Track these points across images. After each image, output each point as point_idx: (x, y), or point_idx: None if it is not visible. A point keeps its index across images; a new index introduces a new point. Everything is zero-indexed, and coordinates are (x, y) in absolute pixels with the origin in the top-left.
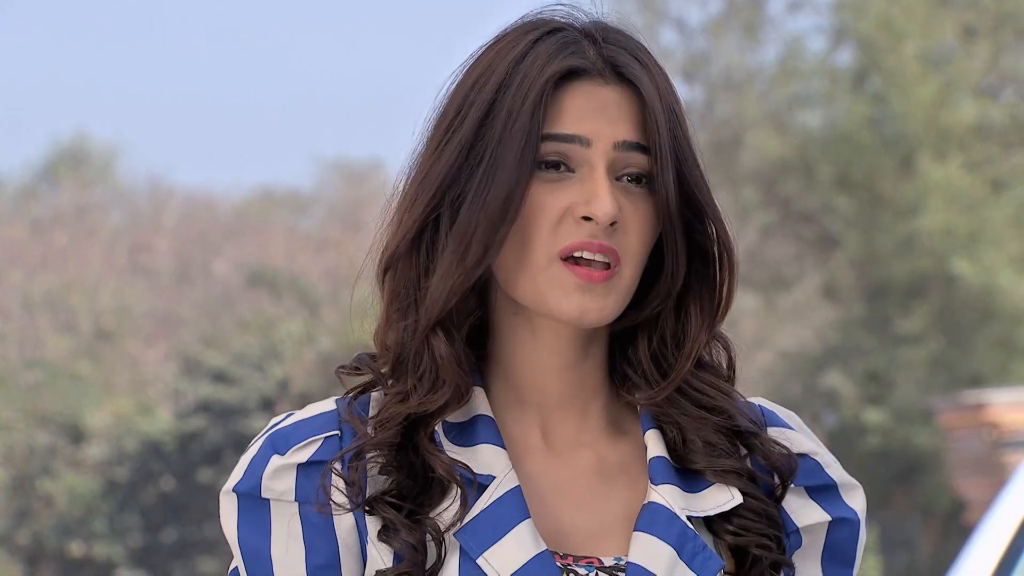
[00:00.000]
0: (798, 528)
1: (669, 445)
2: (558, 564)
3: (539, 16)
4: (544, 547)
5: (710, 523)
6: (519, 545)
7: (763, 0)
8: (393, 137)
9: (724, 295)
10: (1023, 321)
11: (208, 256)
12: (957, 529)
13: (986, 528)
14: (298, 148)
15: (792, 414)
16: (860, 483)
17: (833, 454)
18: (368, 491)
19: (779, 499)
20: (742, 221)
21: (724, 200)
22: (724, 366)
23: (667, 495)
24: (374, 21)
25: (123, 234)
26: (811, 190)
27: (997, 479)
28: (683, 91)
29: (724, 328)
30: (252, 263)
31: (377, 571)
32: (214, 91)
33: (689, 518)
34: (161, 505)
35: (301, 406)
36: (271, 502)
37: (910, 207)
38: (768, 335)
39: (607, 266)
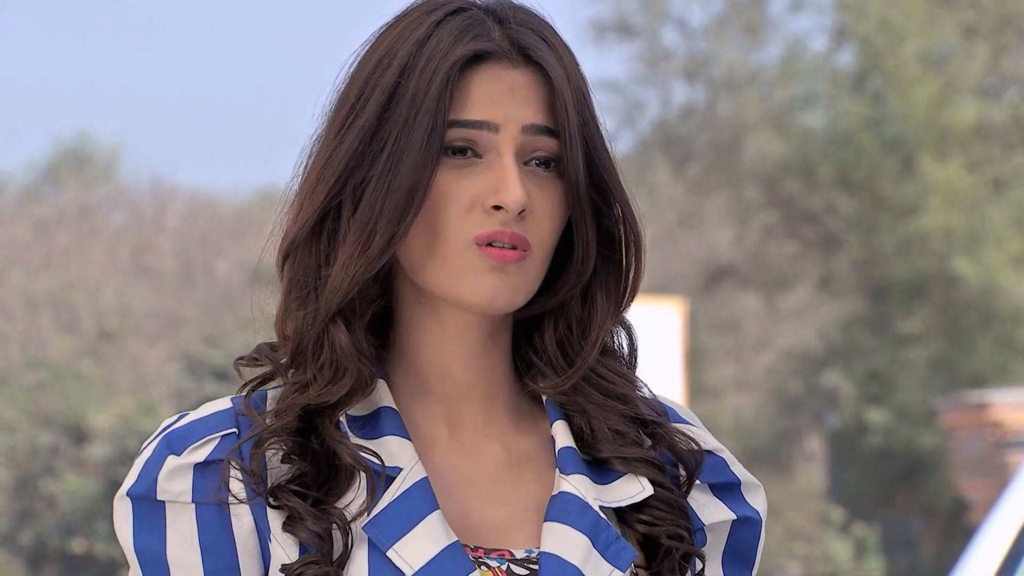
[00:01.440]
0: (703, 526)
1: (576, 434)
2: (469, 555)
3: None
4: (455, 539)
5: (620, 514)
6: (429, 537)
7: (764, 1)
8: None
9: (631, 279)
10: (1023, 320)
11: (211, 256)
12: (960, 529)
13: (989, 528)
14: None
15: (691, 413)
16: (863, 483)
17: (836, 454)
18: (270, 481)
19: (685, 492)
20: (743, 222)
21: (725, 200)
22: (626, 352)
23: (578, 485)
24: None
25: (126, 234)
26: (812, 190)
27: (1000, 479)
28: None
29: (726, 328)
30: (255, 262)
31: (283, 565)
32: (216, 91)
33: (601, 508)
34: None
35: None
36: (167, 504)
37: (911, 207)
38: (770, 335)
39: (516, 250)
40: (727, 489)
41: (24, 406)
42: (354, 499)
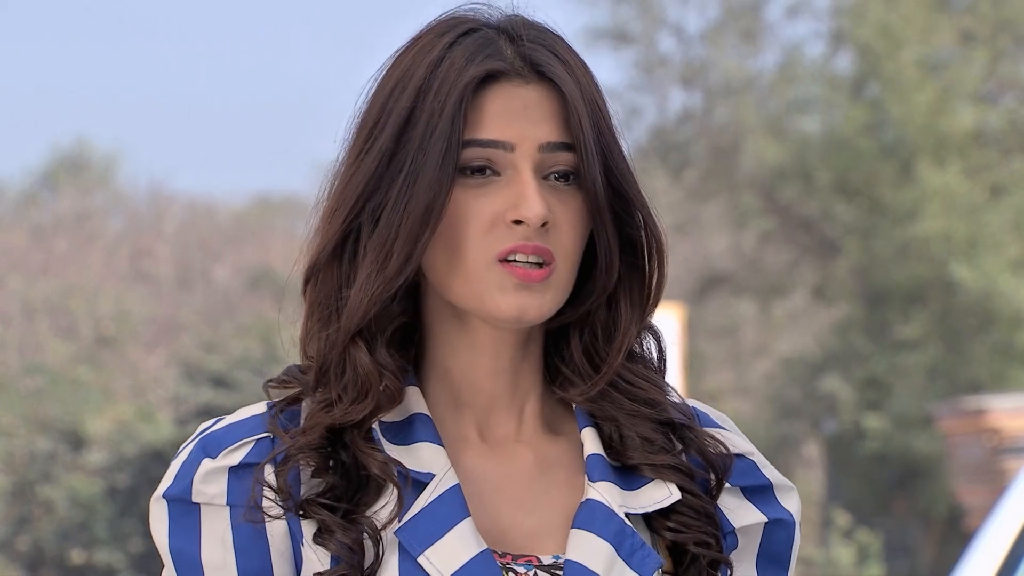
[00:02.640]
0: (734, 529)
1: (605, 441)
2: (498, 563)
3: (454, 15)
4: (485, 546)
5: (649, 521)
6: (461, 544)
7: (761, 6)
8: None
9: (654, 285)
10: (1021, 325)
11: (208, 262)
12: (957, 535)
13: (986, 534)
14: (297, 154)
15: (724, 416)
16: (861, 489)
17: (833, 460)
18: (301, 494)
19: (714, 496)
20: (741, 227)
21: (723, 206)
22: (655, 357)
23: (605, 492)
24: (373, 27)
25: (123, 240)
26: (810, 196)
27: (997, 485)
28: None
29: (724, 334)
30: (252, 268)
31: (315, 574)
32: (214, 97)
33: (627, 515)
34: None
35: None
36: (201, 506)
37: (909, 213)
38: (767, 341)
39: (541, 266)
40: (759, 492)
41: (22, 412)
42: (384, 506)
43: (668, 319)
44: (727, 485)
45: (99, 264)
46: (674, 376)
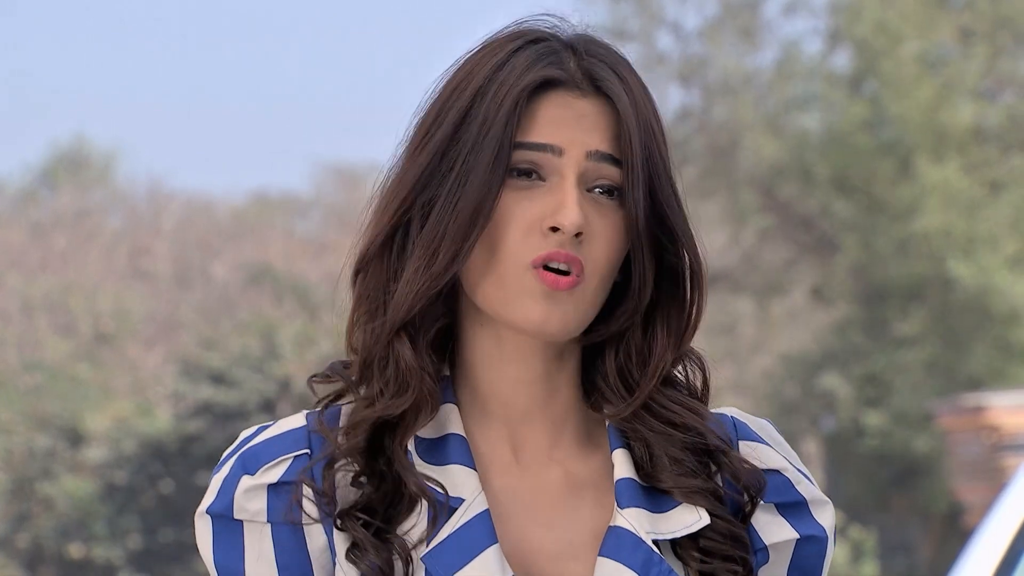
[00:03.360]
0: (766, 545)
1: (636, 462)
2: None
3: (525, 25)
4: (511, 573)
5: (675, 547)
6: (486, 571)
7: (759, 4)
8: (389, 140)
9: (692, 315)
10: (1019, 321)
11: (207, 259)
12: (956, 533)
13: (985, 532)
14: (295, 151)
15: (765, 424)
16: (859, 486)
17: (832, 458)
18: (339, 503)
19: (747, 517)
20: (739, 225)
21: (722, 204)
22: (699, 385)
23: (633, 519)
24: (370, 24)
25: (122, 237)
26: (809, 193)
27: (996, 482)
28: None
29: (722, 331)
30: (251, 265)
31: None
32: (212, 95)
33: (656, 542)
34: (161, 508)
35: (301, 409)
36: (244, 523)
37: (908, 210)
38: (766, 338)
39: (569, 274)
40: (793, 508)
41: (21, 409)
42: (415, 526)
43: None
44: (761, 501)
45: (98, 261)
46: None
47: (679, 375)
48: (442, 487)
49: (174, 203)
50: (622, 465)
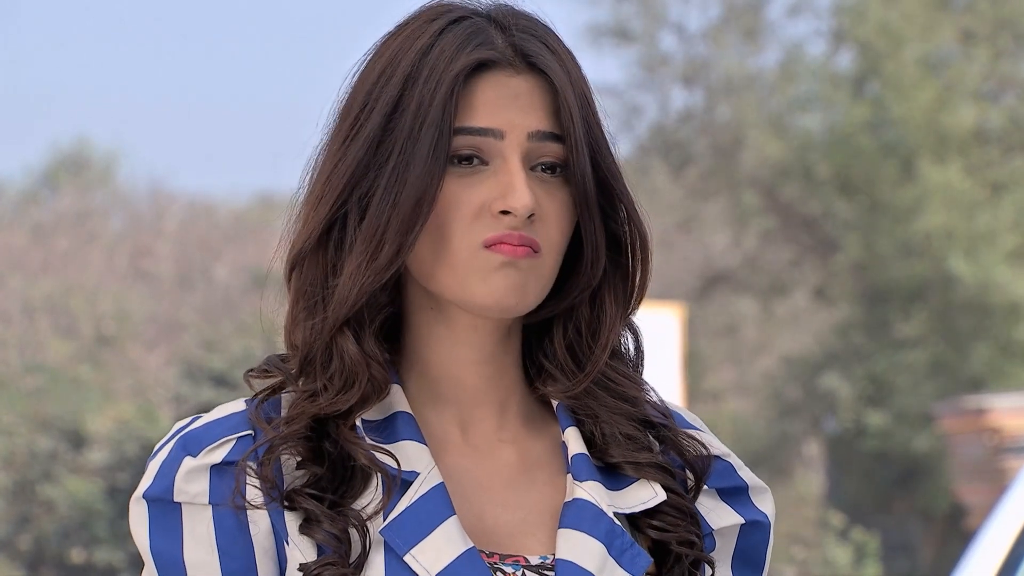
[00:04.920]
0: (712, 530)
1: (587, 439)
2: (485, 562)
3: (442, 2)
4: (471, 544)
5: (633, 520)
6: (447, 541)
7: (763, 5)
8: None
9: (638, 282)
10: (1019, 318)
11: (209, 261)
12: (958, 534)
13: (987, 533)
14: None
15: (696, 417)
16: (861, 487)
17: (834, 459)
18: (285, 485)
19: (694, 496)
20: (742, 226)
21: (724, 205)
22: (632, 354)
23: (592, 492)
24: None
25: (124, 239)
26: (811, 194)
27: (998, 484)
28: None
29: (724, 332)
30: (253, 267)
31: (301, 564)
32: (214, 96)
33: (615, 515)
34: None
35: None
36: (183, 506)
37: (910, 211)
38: (768, 339)
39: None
40: (735, 493)
41: (22, 411)
42: (371, 501)
43: (668, 319)
44: (704, 487)
45: (99, 263)
46: (674, 375)
47: (618, 345)
48: (395, 460)
49: (176, 205)
50: (575, 442)
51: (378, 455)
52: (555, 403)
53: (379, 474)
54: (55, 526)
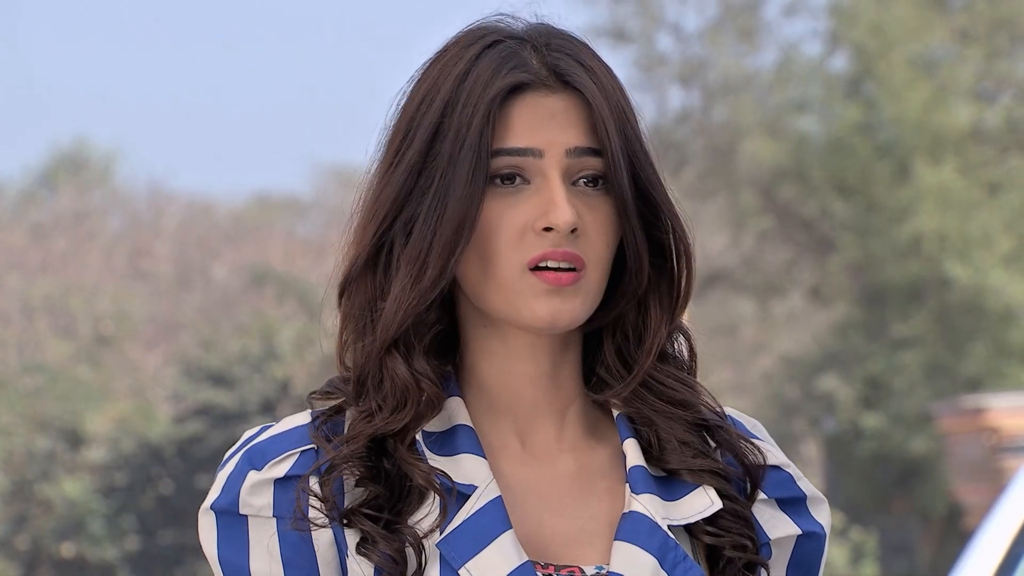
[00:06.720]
0: (769, 540)
1: (644, 448)
2: (539, 574)
3: (479, 26)
4: (526, 558)
5: (688, 527)
6: (502, 556)
7: (759, 6)
8: None
9: (683, 287)
10: (1015, 321)
11: (207, 260)
12: (956, 534)
13: (985, 533)
14: (296, 153)
15: (757, 423)
16: (859, 488)
17: (832, 459)
18: (345, 503)
19: (749, 500)
20: (739, 226)
21: (721, 205)
22: (686, 356)
23: (648, 504)
24: (371, 25)
25: (122, 239)
26: (807, 195)
27: (996, 484)
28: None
29: (722, 333)
30: (251, 267)
31: None
32: (213, 96)
33: (670, 526)
34: (160, 509)
35: (301, 409)
36: (249, 518)
37: (905, 211)
38: (766, 340)
39: (572, 271)
40: (794, 504)
41: (21, 410)
42: (427, 515)
43: None
44: (764, 496)
45: (98, 263)
46: None
47: (668, 349)
48: (449, 476)
49: (174, 204)
50: (633, 454)
51: (436, 472)
52: (615, 413)
53: (435, 492)
54: (53, 526)
